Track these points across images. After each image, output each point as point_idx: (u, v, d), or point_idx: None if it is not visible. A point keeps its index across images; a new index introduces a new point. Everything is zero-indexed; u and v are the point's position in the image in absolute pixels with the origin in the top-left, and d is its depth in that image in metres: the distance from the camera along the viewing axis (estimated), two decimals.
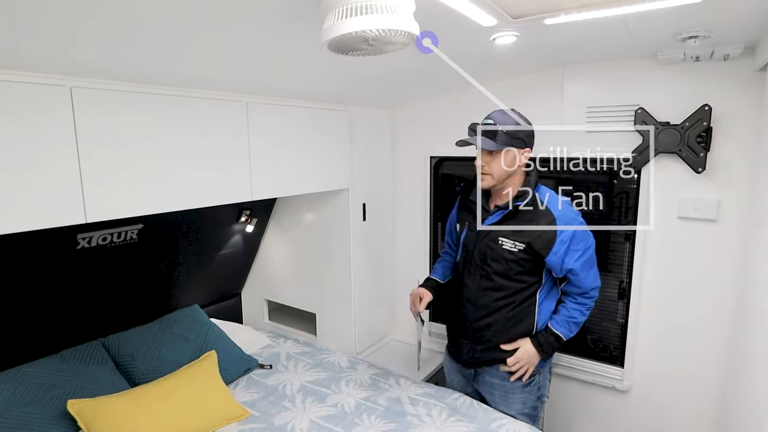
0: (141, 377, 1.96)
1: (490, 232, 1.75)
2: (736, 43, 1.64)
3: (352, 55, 1.12)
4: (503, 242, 1.71)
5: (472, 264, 1.79)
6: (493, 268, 1.74)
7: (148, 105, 1.53)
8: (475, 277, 1.79)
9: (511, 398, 1.84)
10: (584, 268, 1.69)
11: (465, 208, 1.86)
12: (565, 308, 1.76)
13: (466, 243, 1.82)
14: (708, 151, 1.82)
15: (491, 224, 1.74)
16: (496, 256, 1.73)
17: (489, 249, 1.74)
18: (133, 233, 2.09)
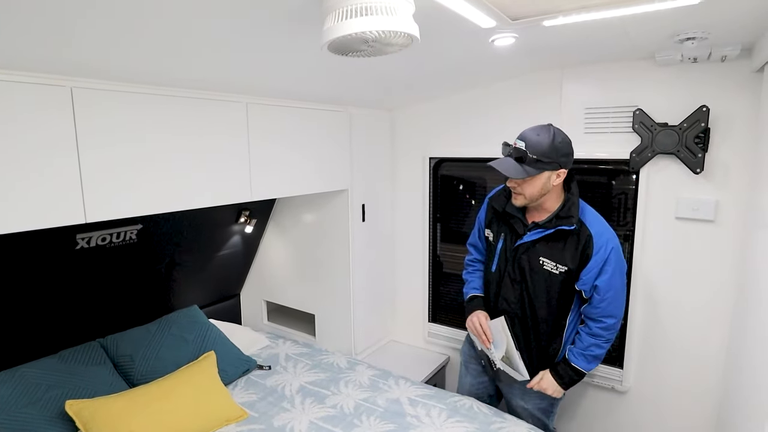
0: (139, 378, 1.95)
1: (530, 248, 1.73)
2: (733, 45, 1.65)
3: (352, 56, 1.13)
4: (544, 263, 1.71)
5: (510, 277, 1.79)
6: (533, 286, 1.74)
7: (148, 105, 1.53)
8: (512, 290, 1.79)
9: (530, 392, 1.86)
10: (609, 288, 1.66)
11: (499, 217, 1.83)
12: (580, 340, 1.75)
13: (503, 255, 1.81)
14: (706, 152, 1.82)
15: (530, 240, 1.73)
16: (536, 275, 1.73)
17: (528, 266, 1.74)
18: (132, 234, 2.09)
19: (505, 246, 1.80)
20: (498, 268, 1.83)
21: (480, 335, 1.82)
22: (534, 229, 1.72)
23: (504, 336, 1.78)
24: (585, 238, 1.66)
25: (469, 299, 1.96)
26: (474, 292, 1.96)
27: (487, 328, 1.82)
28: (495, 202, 1.85)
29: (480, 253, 2.02)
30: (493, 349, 1.83)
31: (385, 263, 2.78)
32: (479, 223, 1.97)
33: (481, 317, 1.85)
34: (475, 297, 1.94)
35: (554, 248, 1.69)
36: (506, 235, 1.81)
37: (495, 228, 1.86)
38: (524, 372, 1.78)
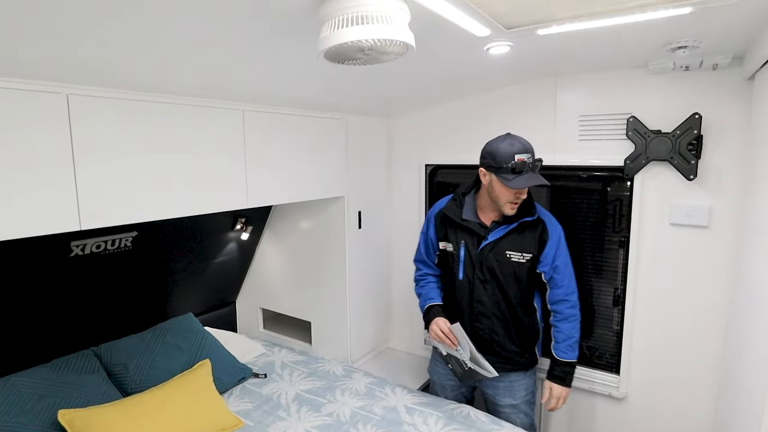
0: (133, 387, 1.94)
1: (494, 246, 1.86)
2: (724, 53, 1.67)
3: (348, 64, 1.14)
4: (511, 255, 1.85)
5: (480, 279, 1.88)
6: (504, 280, 1.86)
7: (144, 112, 1.53)
8: (486, 291, 1.89)
9: (515, 386, 1.95)
10: (566, 266, 1.88)
11: (454, 227, 1.93)
12: (560, 332, 1.89)
13: (467, 261, 1.90)
14: (699, 158, 1.84)
15: (495, 239, 1.85)
16: (506, 269, 1.85)
17: (497, 263, 1.85)
18: (127, 241, 2.08)
19: (468, 252, 1.89)
20: (465, 274, 1.91)
21: (445, 339, 1.86)
22: (497, 227, 1.85)
23: (465, 339, 1.84)
24: (540, 226, 1.85)
25: (427, 310, 2.00)
26: (431, 302, 2.00)
27: (449, 331, 1.86)
28: (450, 213, 1.93)
29: (430, 268, 2.08)
30: (461, 350, 1.87)
31: (381, 270, 2.78)
32: (429, 240, 2.04)
33: (440, 323, 1.90)
34: (432, 306, 1.99)
35: (517, 240, 1.84)
36: (466, 241, 1.90)
37: (452, 238, 1.93)
38: (490, 369, 1.83)
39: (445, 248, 1.96)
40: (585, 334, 2.28)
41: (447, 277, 2.03)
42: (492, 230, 1.86)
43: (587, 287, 2.24)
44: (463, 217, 1.91)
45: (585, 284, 2.24)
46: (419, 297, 2.08)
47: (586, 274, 2.24)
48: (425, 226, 2.07)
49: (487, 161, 1.77)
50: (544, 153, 2.16)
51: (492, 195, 1.81)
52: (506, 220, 1.84)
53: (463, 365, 1.91)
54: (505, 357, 1.91)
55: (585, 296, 2.26)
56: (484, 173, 1.80)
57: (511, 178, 1.70)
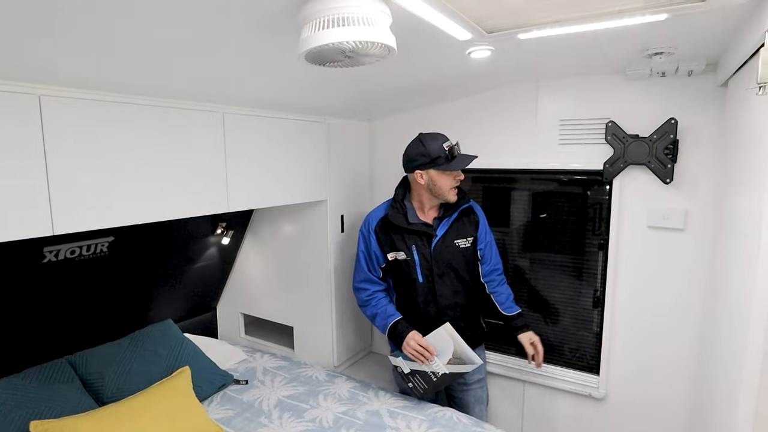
0: (110, 396, 1.88)
1: (444, 240, 1.98)
2: (698, 60, 1.71)
3: (329, 67, 1.13)
4: (459, 243, 2.00)
5: (438, 275, 1.97)
6: (458, 268, 1.99)
7: (120, 114, 1.50)
8: (446, 284, 1.98)
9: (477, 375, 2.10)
10: (493, 241, 2.11)
11: (400, 234, 1.99)
12: (500, 294, 2.08)
13: (424, 262, 1.98)
14: (675, 162, 1.88)
15: (443, 233, 1.98)
16: (457, 257, 1.99)
17: (449, 254, 1.98)
18: (103, 246, 2.03)
19: (421, 253, 1.97)
20: (424, 276, 1.98)
21: (423, 353, 1.89)
22: (440, 223, 1.99)
23: (449, 339, 1.91)
24: (469, 210, 2.04)
25: (393, 327, 1.99)
26: (393, 319, 2.00)
27: (427, 344, 1.91)
28: (396, 220, 1.98)
29: (376, 284, 2.09)
30: (437, 360, 1.92)
31: None
32: (372, 256, 2.06)
33: (416, 337, 1.93)
34: (398, 322, 1.99)
35: (459, 228, 2.01)
36: (417, 244, 1.98)
37: (401, 245, 1.99)
38: (476, 359, 1.93)
39: (396, 257, 2.01)
40: (566, 337, 2.31)
41: (401, 285, 2.06)
42: (437, 227, 1.98)
43: (568, 290, 2.27)
44: (410, 221, 1.98)
45: (566, 287, 2.27)
46: (373, 318, 2.07)
47: (567, 277, 2.26)
48: (364, 242, 2.08)
49: (420, 161, 1.89)
50: (524, 157, 2.20)
51: (434, 190, 1.92)
52: (446, 213, 1.98)
53: (431, 377, 1.95)
54: (469, 337, 1.98)
55: (566, 299, 2.28)
56: (420, 174, 1.91)
57: (450, 164, 1.86)
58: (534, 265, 2.36)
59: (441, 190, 1.91)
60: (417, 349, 1.90)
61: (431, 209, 2.02)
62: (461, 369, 1.94)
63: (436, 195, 1.94)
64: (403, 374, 2.01)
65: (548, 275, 2.32)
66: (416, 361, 1.93)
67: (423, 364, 1.93)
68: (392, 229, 2.00)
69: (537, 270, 2.35)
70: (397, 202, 2.02)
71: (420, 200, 2.00)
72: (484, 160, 2.30)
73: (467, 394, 2.12)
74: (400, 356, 2.00)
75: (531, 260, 2.36)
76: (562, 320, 2.30)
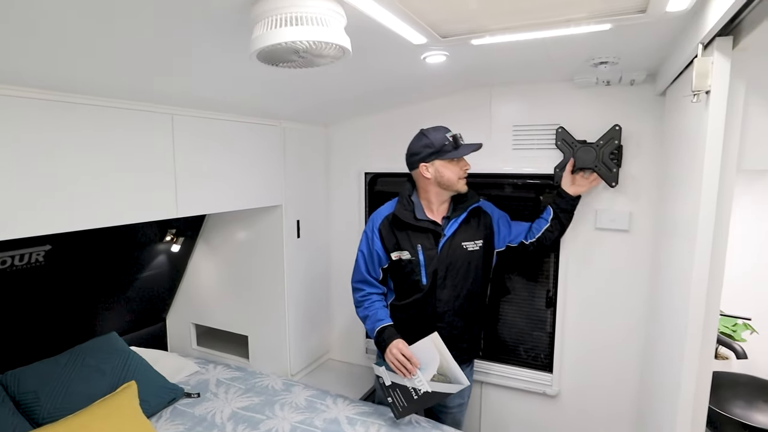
0: (46, 416, 1.75)
1: (452, 241, 1.88)
2: (639, 70, 1.80)
3: (283, 67, 1.10)
4: (466, 246, 1.88)
5: (442, 277, 1.87)
6: (465, 272, 1.88)
7: (56, 113, 1.40)
8: (447, 288, 1.87)
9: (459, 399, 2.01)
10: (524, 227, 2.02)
11: (406, 232, 1.89)
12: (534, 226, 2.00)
13: (428, 263, 1.86)
14: (620, 167, 1.97)
15: (452, 233, 1.88)
16: (463, 261, 1.87)
17: (456, 257, 1.87)
18: (38, 255, 1.89)
19: (427, 253, 1.86)
20: (428, 278, 1.87)
21: (405, 364, 1.77)
22: (448, 222, 1.89)
23: (436, 352, 1.78)
24: (479, 210, 1.95)
25: (380, 332, 1.87)
26: (382, 324, 1.88)
27: (410, 354, 1.79)
28: (403, 216, 1.87)
29: (373, 287, 1.98)
30: (419, 375, 1.79)
31: (321, 280, 2.73)
32: (375, 255, 1.94)
33: (399, 345, 1.80)
34: (385, 327, 1.87)
35: (468, 230, 1.90)
36: (423, 243, 1.87)
37: (406, 244, 1.88)
38: (463, 378, 1.79)
39: (400, 257, 1.89)
40: (522, 337, 2.36)
41: (401, 287, 1.95)
42: (446, 226, 1.88)
43: (523, 291, 2.32)
44: (418, 217, 1.88)
45: (521, 288, 2.33)
46: (364, 320, 1.96)
47: (521, 279, 2.32)
48: (366, 241, 1.96)
49: (424, 153, 1.82)
50: (480, 161, 2.22)
51: (442, 182, 1.83)
52: (455, 213, 1.89)
53: (411, 394, 1.80)
54: (462, 349, 1.92)
55: (521, 300, 2.34)
56: (426, 167, 1.83)
57: (456, 152, 1.80)
58: None
59: (449, 180, 1.82)
60: (398, 358, 1.77)
61: (440, 208, 1.91)
62: (445, 389, 1.78)
63: (446, 187, 1.84)
64: (384, 386, 1.87)
65: (504, 279, 2.36)
66: (398, 373, 1.81)
67: (405, 377, 1.79)
68: (398, 226, 1.89)
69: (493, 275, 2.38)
70: (404, 198, 1.91)
71: (428, 198, 1.89)
72: None
73: (445, 416, 2.04)
74: (383, 365, 1.87)
75: None
76: (518, 321, 2.35)
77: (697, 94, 1.11)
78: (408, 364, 1.78)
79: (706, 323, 1.19)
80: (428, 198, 1.90)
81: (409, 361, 1.78)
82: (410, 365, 1.78)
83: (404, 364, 1.78)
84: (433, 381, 1.79)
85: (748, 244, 1.94)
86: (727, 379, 1.70)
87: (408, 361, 1.78)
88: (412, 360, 1.78)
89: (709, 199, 1.13)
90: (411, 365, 1.78)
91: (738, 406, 1.65)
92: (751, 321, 1.91)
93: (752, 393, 1.67)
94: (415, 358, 1.78)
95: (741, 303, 1.91)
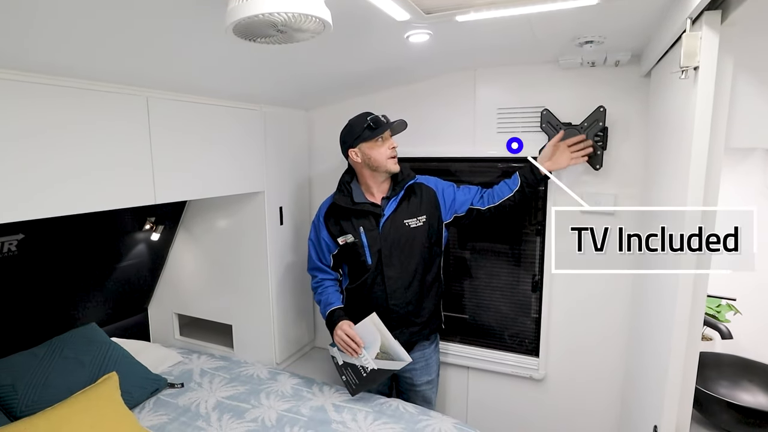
0: (24, 409, 1.70)
1: (393, 220, 1.93)
2: (624, 51, 1.79)
3: (261, 42, 1.06)
4: (408, 222, 1.93)
5: (387, 255, 1.91)
6: (410, 249, 1.93)
7: (26, 95, 1.34)
8: (395, 265, 1.92)
9: (430, 362, 2.09)
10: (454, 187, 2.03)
11: (348, 217, 1.96)
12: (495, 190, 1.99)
13: (371, 243, 1.92)
14: (605, 149, 1.96)
15: (391, 212, 1.93)
16: (408, 238, 1.92)
17: (399, 235, 1.92)
18: (11, 245, 1.82)
19: (369, 234, 1.93)
20: (373, 258, 1.94)
21: (349, 344, 1.89)
22: (387, 202, 1.94)
23: (377, 332, 1.88)
24: (420, 187, 1.99)
25: (330, 315, 1.99)
26: (332, 307, 2.00)
27: (354, 334, 1.89)
28: (341, 202, 1.96)
29: (327, 273, 2.08)
30: (365, 353, 1.89)
31: (305, 267, 2.64)
32: (322, 243, 2.04)
33: (344, 327, 1.91)
34: (335, 310, 1.99)
35: (409, 207, 1.95)
36: (364, 225, 1.94)
37: (349, 229, 1.96)
38: (405, 356, 1.88)
39: (345, 241, 1.97)
40: (508, 322, 2.36)
41: (353, 270, 2.03)
42: (385, 206, 1.94)
43: (509, 277, 2.32)
44: (355, 201, 1.95)
45: (507, 274, 2.32)
46: (319, 304, 2.08)
47: (507, 265, 2.31)
48: (315, 230, 2.07)
49: (350, 138, 1.91)
50: (464, 145, 2.21)
51: (371, 164, 1.89)
52: (393, 192, 1.94)
53: (361, 372, 1.92)
54: (420, 324, 1.98)
55: (506, 285, 2.33)
56: (354, 152, 1.91)
57: (374, 132, 1.85)
58: (475, 255, 2.38)
59: (377, 161, 1.88)
60: (344, 339, 1.89)
61: (379, 190, 1.97)
62: (389, 366, 1.89)
63: (375, 168, 1.90)
64: (338, 366, 2.00)
65: (489, 264, 2.35)
66: (345, 352, 1.91)
67: (353, 357, 1.90)
68: (340, 213, 1.97)
69: (478, 260, 2.38)
70: (342, 185, 2.00)
71: (365, 182, 1.97)
72: (424, 148, 2.29)
73: (414, 394, 2.11)
74: (336, 347, 1.98)
75: (472, 250, 2.39)
76: (504, 306, 2.35)
77: (686, 70, 1.09)
78: (353, 343, 1.88)
79: (693, 305, 1.19)
80: (365, 182, 1.97)
81: (353, 340, 1.88)
82: (354, 345, 1.88)
83: (349, 344, 1.89)
84: (378, 359, 1.89)
85: None
86: (711, 359, 1.72)
87: (352, 341, 1.88)
88: (356, 339, 1.88)
89: (697, 177, 1.12)
90: (355, 345, 1.88)
91: (723, 386, 1.68)
92: (735, 302, 1.93)
93: (737, 372, 1.70)
94: (359, 337, 1.88)
95: (725, 284, 1.93)
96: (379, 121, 1.87)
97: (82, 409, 1.67)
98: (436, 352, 2.14)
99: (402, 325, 1.95)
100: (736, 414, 1.45)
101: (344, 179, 2.02)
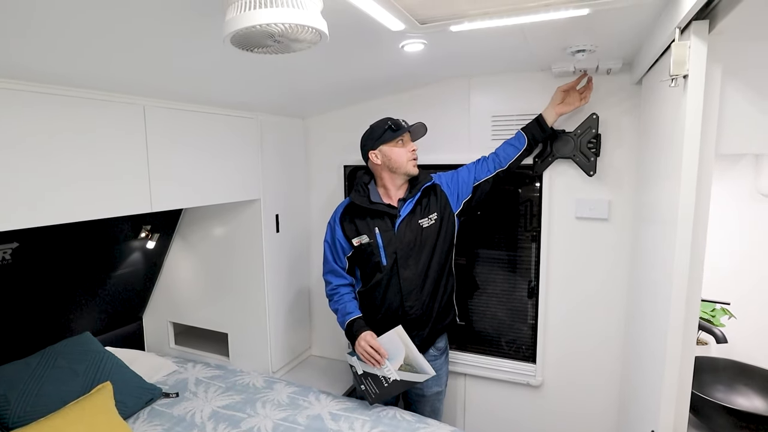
0: (16, 420, 1.68)
1: (410, 221, 1.93)
2: (615, 59, 1.81)
3: (258, 52, 1.07)
4: (422, 223, 1.93)
5: (403, 257, 1.91)
6: (425, 249, 1.92)
7: (22, 104, 1.34)
8: (410, 267, 1.92)
9: (441, 373, 2.06)
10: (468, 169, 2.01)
11: (364, 217, 1.96)
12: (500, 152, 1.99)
13: (387, 244, 1.92)
14: (598, 156, 1.98)
15: (407, 213, 1.93)
16: (422, 238, 1.92)
17: (414, 235, 1.92)
18: (5, 253, 1.81)
19: (384, 235, 1.93)
20: (389, 259, 1.93)
21: (373, 356, 1.87)
22: (404, 204, 1.95)
23: (401, 344, 1.86)
24: (433, 188, 1.99)
25: (349, 325, 1.95)
26: (351, 317, 1.96)
27: (378, 345, 1.87)
28: (359, 201, 1.95)
29: (341, 278, 2.05)
30: (388, 364, 1.88)
31: (301, 275, 2.69)
32: (338, 244, 2.02)
33: (368, 338, 1.89)
34: (354, 320, 1.95)
35: (423, 208, 1.96)
36: (380, 226, 1.94)
37: (365, 230, 1.95)
38: (429, 369, 1.86)
39: (360, 242, 1.95)
40: (504, 328, 2.37)
41: (366, 273, 2.00)
42: (401, 207, 1.95)
43: (505, 283, 2.33)
44: (372, 200, 1.95)
45: (503, 281, 2.33)
46: (336, 313, 2.04)
47: (503, 271, 2.32)
48: (330, 231, 2.05)
49: (370, 141, 1.93)
50: (459, 152, 2.23)
51: (392, 166, 1.91)
52: (410, 194, 1.95)
53: (382, 382, 1.90)
54: (434, 320, 1.97)
55: (503, 292, 2.34)
56: (374, 154, 1.92)
57: (395, 133, 1.88)
58: (471, 262, 2.39)
59: (397, 163, 1.90)
60: (367, 350, 1.87)
61: (397, 193, 1.98)
62: (413, 378, 1.87)
63: (396, 170, 1.92)
64: (357, 375, 1.96)
65: (486, 271, 2.36)
66: (367, 363, 1.89)
67: (375, 367, 1.88)
68: (356, 212, 1.97)
69: (474, 266, 2.39)
70: (360, 185, 2.00)
71: (384, 184, 1.97)
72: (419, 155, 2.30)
73: (423, 405, 2.09)
74: (355, 356, 1.95)
75: (468, 257, 2.40)
76: (500, 313, 2.36)
77: (675, 78, 1.11)
78: (376, 355, 1.87)
79: (688, 309, 1.20)
80: (384, 185, 1.98)
81: (377, 352, 1.86)
82: (378, 356, 1.86)
83: (373, 355, 1.87)
84: (401, 371, 1.88)
85: (724, 230, 1.98)
86: (707, 363, 1.73)
87: (376, 353, 1.86)
88: (379, 351, 1.86)
89: (689, 183, 1.13)
90: (379, 356, 1.86)
91: (719, 390, 1.68)
92: (729, 306, 1.95)
93: (732, 377, 1.71)
94: (383, 349, 1.87)
95: (718, 289, 1.95)
96: (400, 124, 1.91)
97: (75, 420, 1.66)
98: (446, 363, 2.13)
99: (416, 328, 1.93)
100: (732, 418, 1.46)
101: (362, 180, 2.02)
